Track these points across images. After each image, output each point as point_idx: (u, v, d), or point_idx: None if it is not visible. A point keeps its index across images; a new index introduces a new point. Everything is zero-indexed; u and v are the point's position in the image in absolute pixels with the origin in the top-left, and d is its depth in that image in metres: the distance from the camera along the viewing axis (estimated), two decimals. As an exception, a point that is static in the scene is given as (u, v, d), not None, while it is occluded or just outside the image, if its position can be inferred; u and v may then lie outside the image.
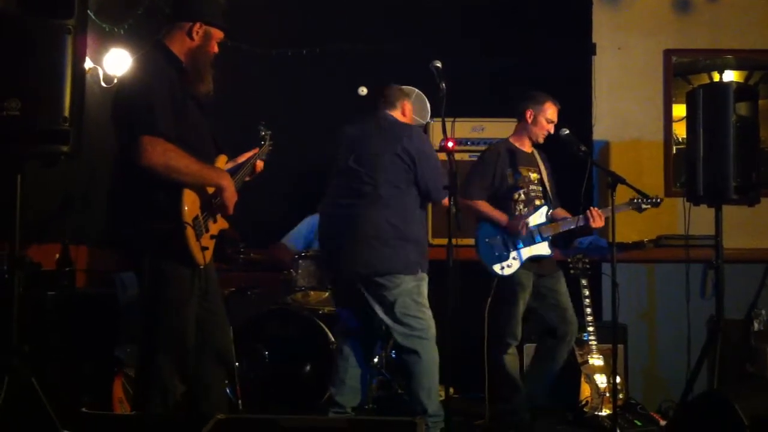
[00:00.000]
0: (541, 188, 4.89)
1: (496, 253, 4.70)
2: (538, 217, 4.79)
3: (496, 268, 4.68)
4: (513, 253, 4.71)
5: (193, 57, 3.40)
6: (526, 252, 4.72)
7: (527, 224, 4.70)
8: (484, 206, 4.76)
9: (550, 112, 4.80)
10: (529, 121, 4.83)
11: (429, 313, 4.23)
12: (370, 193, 4.21)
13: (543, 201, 4.86)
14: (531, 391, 4.80)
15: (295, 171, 5.75)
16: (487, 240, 4.73)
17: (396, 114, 4.44)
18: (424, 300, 4.24)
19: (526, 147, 4.90)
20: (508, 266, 4.69)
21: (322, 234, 4.49)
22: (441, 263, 3.86)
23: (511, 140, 4.93)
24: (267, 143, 3.97)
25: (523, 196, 4.79)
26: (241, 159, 3.75)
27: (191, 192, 3.23)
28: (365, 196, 4.21)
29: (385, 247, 4.16)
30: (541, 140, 4.85)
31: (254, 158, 3.80)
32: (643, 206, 4.81)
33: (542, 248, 4.77)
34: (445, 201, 4.08)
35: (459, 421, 4.99)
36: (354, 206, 4.22)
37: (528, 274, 4.72)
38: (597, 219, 4.71)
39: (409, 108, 4.56)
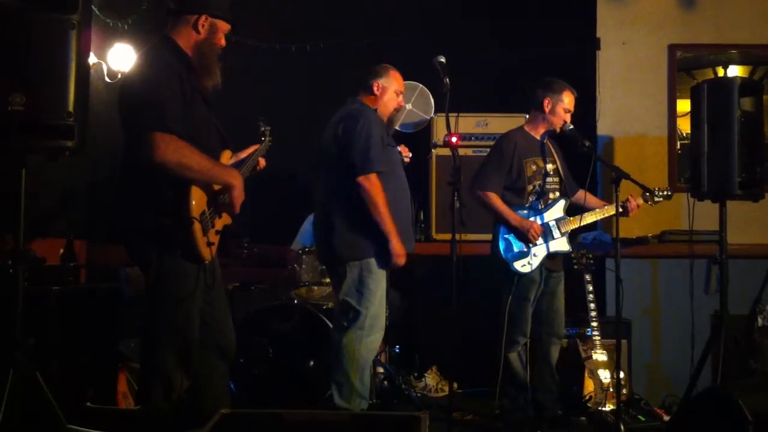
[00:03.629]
0: (557, 179, 4.79)
1: (516, 250, 4.62)
2: (555, 212, 4.71)
3: (517, 265, 4.60)
4: (534, 250, 4.63)
5: (200, 50, 3.38)
6: (546, 248, 4.66)
7: (540, 230, 4.61)
8: (497, 202, 4.63)
9: (568, 101, 4.69)
10: (547, 110, 4.70)
11: (374, 304, 4.11)
12: (323, 182, 4.25)
13: (559, 193, 4.77)
14: (540, 398, 4.78)
15: (299, 165, 5.76)
16: (506, 236, 4.64)
17: (365, 97, 4.33)
18: (370, 289, 4.10)
19: (540, 136, 4.78)
20: (529, 263, 4.61)
21: None
22: (445, 258, 3.86)
23: (526, 128, 4.81)
24: (267, 139, 3.95)
25: (537, 187, 4.71)
26: (242, 155, 3.74)
27: (198, 188, 3.22)
28: (322, 186, 4.26)
29: (333, 235, 4.14)
30: (557, 129, 4.70)
31: (256, 155, 3.79)
32: (656, 198, 4.81)
33: (561, 244, 4.69)
34: (368, 182, 4.00)
35: (460, 416, 5.01)
36: (319, 197, 4.29)
37: (539, 270, 4.67)
38: (636, 209, 4.73)
39: (384, 86, 4.34)
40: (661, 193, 4.81)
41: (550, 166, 4.77)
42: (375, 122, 4.15)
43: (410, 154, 4.62)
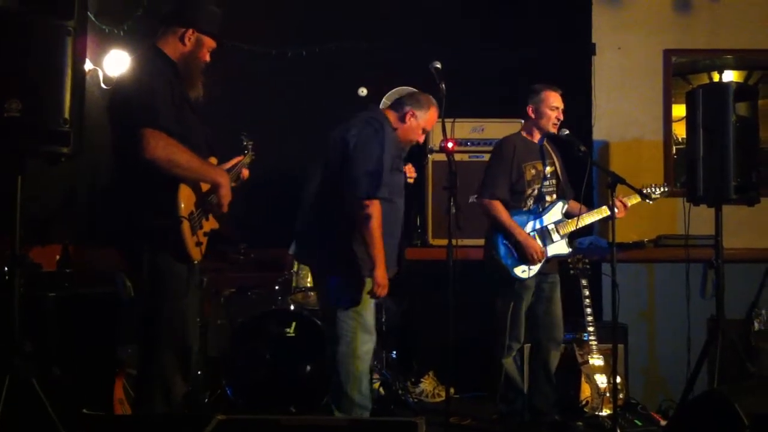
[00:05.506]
0: (555, 181, 4.80)
1: (516, 256, 4.63)
2: (554, 214, 4.72)
3: (517, 271, 4.60)
4: None
5: (185, 62, 3.47)
6: (547, 252, 4.66)
7: (543, 255, 4.60)
8: (503, 215, 4.61)
9: (552, 98, 4.70)
10: (533, 116, 4.74)
11: (363, 316, 3.98)
12: (321, 183, 4.07)
13: (556, 196, 4.78)
14: (537, 403, 4.79)
15: (296, 169, 5.75)
16: (505, 243, 4.63)
17: (391, 114, 4.14)
18: (358, 302, 3.97)
19: (537, 140, 4.80)
20: (529, 268, 4.61)
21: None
22: (441, 263, 3.86)
23: (522, 134, 4.83)
24: (249, 153, 3.98)
25: (536, 191, 4.73)
26: (227, 165, 3.77)
27: (187, 188, 3.27)
28: (319, 186, 4.08)
29: (323, 243, 4.03)
30: (552, 129, 4.69)
31: (239, 166, 3.82)
32: (654, 196, 4.81)
33: (561, 247, 4.71)
34: (370, 206, 3.82)
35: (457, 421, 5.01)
36: (313, 197, 4.12)
37: (533, 275, 4.68)
38: (622, 210, 4.61)
39: (417, 117, 4.13)
40: (657, 190, 4.82)
41: (548, 169, 4.78)
42: (391, 142, 3.97)
43: (415, 174, 4.48)
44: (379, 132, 3.95)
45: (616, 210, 4.48)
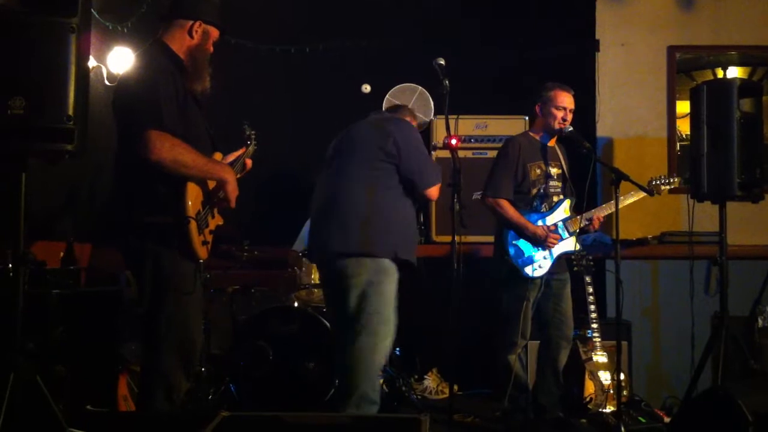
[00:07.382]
0: (561, 183, 4.80)
1: (527, 255, 4.62)
2: (560, 213, 4.72)
3: (528, 270, 4.60)
4: (543, 253, 4.63)
5: (193, 55, 3.46)
6: (556, 250, 4.66)
7: (555, 234, 4.62)
8: (510, 211, 4.62)
9: (560, 98, 4.69)
10: (540, 114, 4.75)
11: (387, 308, 3.91)
12: (346, 172, 4.01)
13: (562, 196, 4.78)
14: (542, 400, 4.79)
15: (300, 167, 5.76)
16: (515, 242, 4.63)
17: (409, 119, 4.36)
18: (383, 291, 3.89)
19: (543, 139, 4.80)
20: (540, 267, 4.61)
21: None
22: (445, 260, 3.86)
23: (530, 134, 4.85)
24: (252, 143, 3.99)
25: (541, 191, 4.72)
26: (230, 158, 3.78)
27: (194, 186, 3.27)
28: (341, 175, 4.02)
29: (349, 228, 3.90)
30: (557, 127, 4.67)
31: (243, 157, 3.83)
32: (662, 188, 4.83)
33: (570, 244, 4.71)
34: (433, 193, 4.02)
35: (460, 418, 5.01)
36: (330, 187, 4.05)
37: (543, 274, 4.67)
38: (595, 221, 4.72)
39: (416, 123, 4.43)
40: (666, 181, 4.84)
41: (554, 170, 4.77)
42: (420, 137, 4.19)
43: None
44: (412, 129, 4.14)
45: (613, 209, 4.44)
